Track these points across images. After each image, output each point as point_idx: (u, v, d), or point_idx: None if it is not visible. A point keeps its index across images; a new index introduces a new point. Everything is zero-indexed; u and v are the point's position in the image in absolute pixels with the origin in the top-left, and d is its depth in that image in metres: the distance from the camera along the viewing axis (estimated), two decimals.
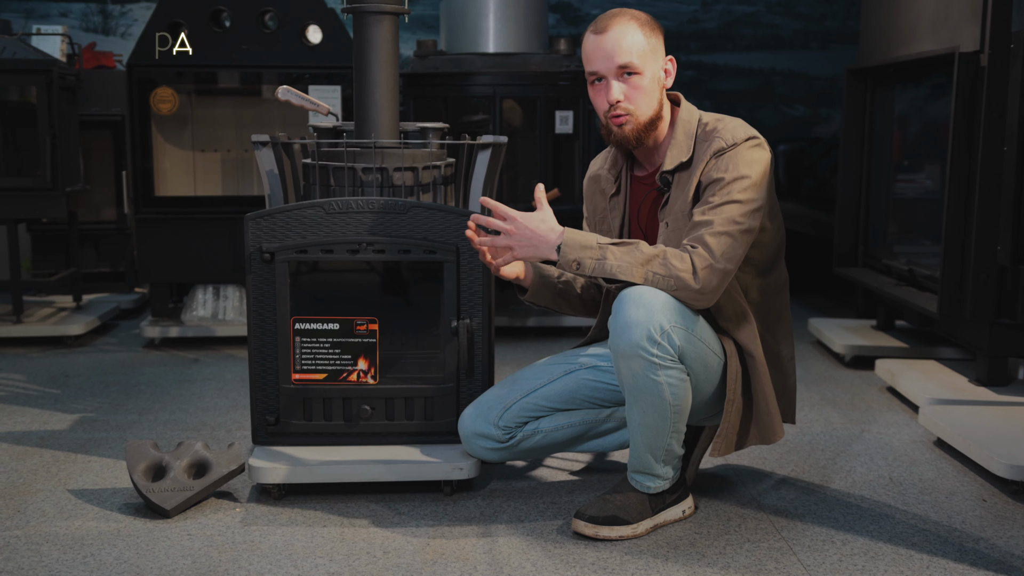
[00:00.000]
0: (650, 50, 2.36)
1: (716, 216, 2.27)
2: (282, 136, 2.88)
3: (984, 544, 2.35)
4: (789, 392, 2.54)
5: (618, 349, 2.25)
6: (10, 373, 3.93)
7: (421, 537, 2.38)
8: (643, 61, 2.35)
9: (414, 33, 6.50)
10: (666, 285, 2.25)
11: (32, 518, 2.49)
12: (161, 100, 4.37)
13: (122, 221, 5.25)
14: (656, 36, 2.39)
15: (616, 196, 2.55)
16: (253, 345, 2.67)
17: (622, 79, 2.36)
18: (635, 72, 2.35)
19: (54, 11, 6.53)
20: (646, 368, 2.23)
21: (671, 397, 2.27)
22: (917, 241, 4.16)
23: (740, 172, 2.30)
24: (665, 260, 2.26)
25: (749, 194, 2.29)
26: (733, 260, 2.27)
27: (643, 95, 2.36)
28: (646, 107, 2.37)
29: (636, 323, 2.21)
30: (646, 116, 2.38)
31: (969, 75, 3.28)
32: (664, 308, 2.23)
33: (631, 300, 2.23)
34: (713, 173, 2.32)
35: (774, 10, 6.87)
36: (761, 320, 2.46)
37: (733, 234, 2.27)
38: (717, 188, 2.30)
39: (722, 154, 2.32)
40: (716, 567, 2.23)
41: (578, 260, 2.27)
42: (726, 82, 6.86)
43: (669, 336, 2.22)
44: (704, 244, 2.25)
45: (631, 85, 2.36)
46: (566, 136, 4.68)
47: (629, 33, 2.34)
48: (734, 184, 2.29)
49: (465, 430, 2.55)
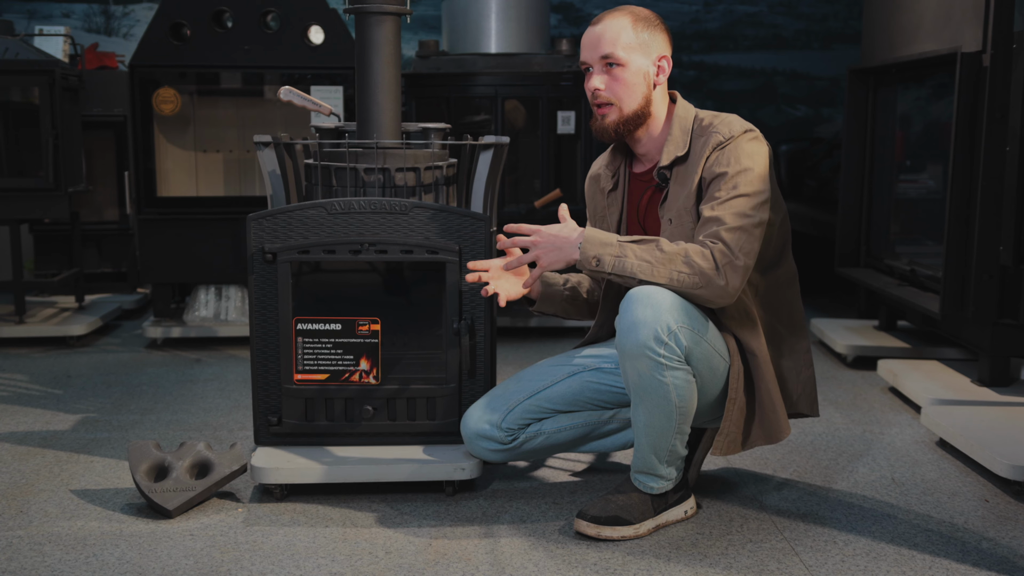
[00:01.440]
0: (638, 44, 2.38)
1: (726, 211, 2.28)
2: (284, 137, 2.89)
3: (987, 544, 2.35)
4: (807, 384, 2.51)
5: (625, 349, 2.25)
6: (12, 373, 3.94)
7: (423, 537, 2.38)
8: (628, 54, 2.38)
9: (416, 33, 6.50)
10: (692, 283, 2.25)
11: (35, 518, 2.50)
12: (163, 100, 4.37)
13: (124, 221, 5.25)
14: (651, 32, 2.40)
15: (614, 192, 2.56)
16: (255, 345, 2.67)
17: (605, 69, 2.40)
18: (617, 63, 2.38)
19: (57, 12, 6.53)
20: (652, 368, 2.23)
21: (676, 398, 2.27)
22: (919, 241, 4.16)
23: (743, 165, 2.30)
24: (688, 258, 2.25)
25: (755, 186, 2.30)
26: (751, 255, 2.28)
27: (624, 87, 2.39)
28: (629, 100, 2.40)
29: (643, 323, 2.21)
30: (629, 109, 2.40)
31: (971, 75, 3.28)
32: (672, 308, 2.23)
33: (639, 300, 2.23)
34: (715, 168, 2.32)
35: (776, 10, 6.87)
36: (772, 314, 2.45)
37: (747, 228, 2.27)
38: (722, 183, 2.30)
39: (722, 148, 2.33)
40: (718, 567, 2.22)
41: (598, 257, 2.28)
42: (728, 82, 6.86)
43: (676, 336, 2.22)
44: (722, 240, 2.26)
45: (612, 76, 2.39)
46: (568, 136, 4.68)
47: (618, 26, 2.39)
48: (738, 177, 2.29)
49: (468, 431, 2.56)
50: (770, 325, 2.45)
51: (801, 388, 2.51)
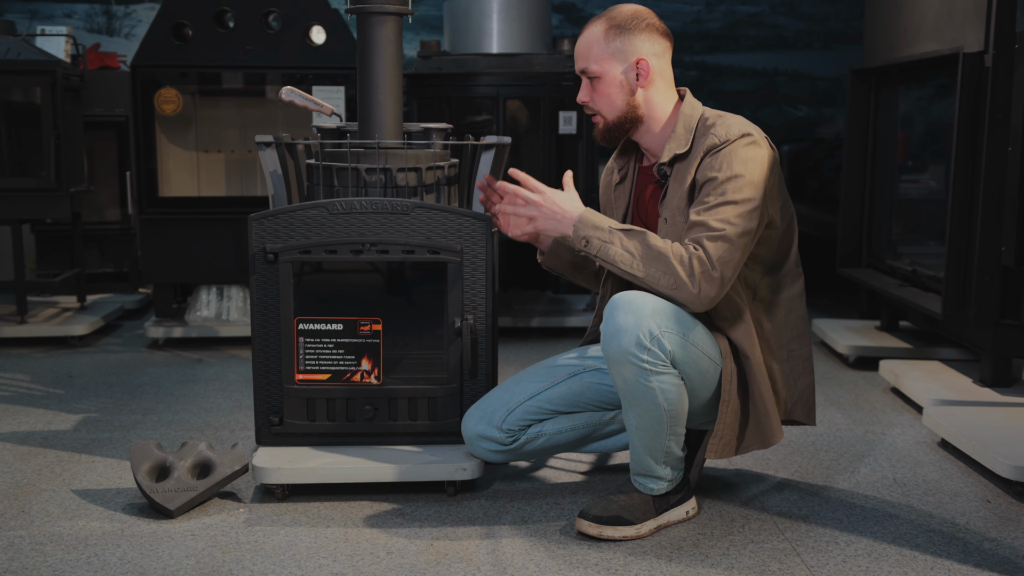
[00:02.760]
0: (610, 53, 2.39)
1: (711, 217, 2.26)
2: (286, 137, 2.89)
3: (989, 545, 2.35)
4: (804, 391, 2.48)
5: (609, 355, 2.25)
6: (14, 373, 3.94)
7: (425, 538, 2.38)
8: (600, 65, 2.40)
9: (418, 34, 6.51)
10: (666, 284, 2.26)
11: (36, 518, 2.50)
12: (165, 101, 4.38)
13: (126, 221, 5.25)
14: (624, 38, 2.39)
15: (621, 184, 2.57)
16: (257, 345, 2.67)
17: (588, 82, 2.45)
18: (593, 76, 2.42)
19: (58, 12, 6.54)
20: (637, 374, 2.23)
21: (665, 402, 2.26)
22: (921, 242, 4.16)
23: (734, 171, 2.28)
24: (668, 260, 2.25)
25: (744, 193, 2.27)
26: (731, 266, 2.26)
27: (602, 98, 2.43)
28: (608, 109, 2.44)
29: (625, 329, 2.21)
30: (612, 117, 2.44)
31: (973, 75, 3.28)
32: (654, 313, 2.22)
33: (620, 306, 2.23)
34: (707, 172, 2.31)
35: (778, 10, 6.87)
36: (771, 317, 2.43)
37: (730, 238, 2.25)
38: (712, 188, 2.29)
39: (716, 152, 2.31)
40: (720, 568, 2.22)
41: (587, 238, 2.31)
42: (730, 82, 6.86)
43: (659, 341, 2.21)
44: (703, 248, 2.24)
45: (593, 88, 2.44)
46: (569, 137, 4.68)
47: (591, 37, 2.42)
48: (728, 184, 2.27)
49: (468, 432, 2.55)
50: (768, 328, 2.43)
51: (797, 395, 2.47)
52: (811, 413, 2.51)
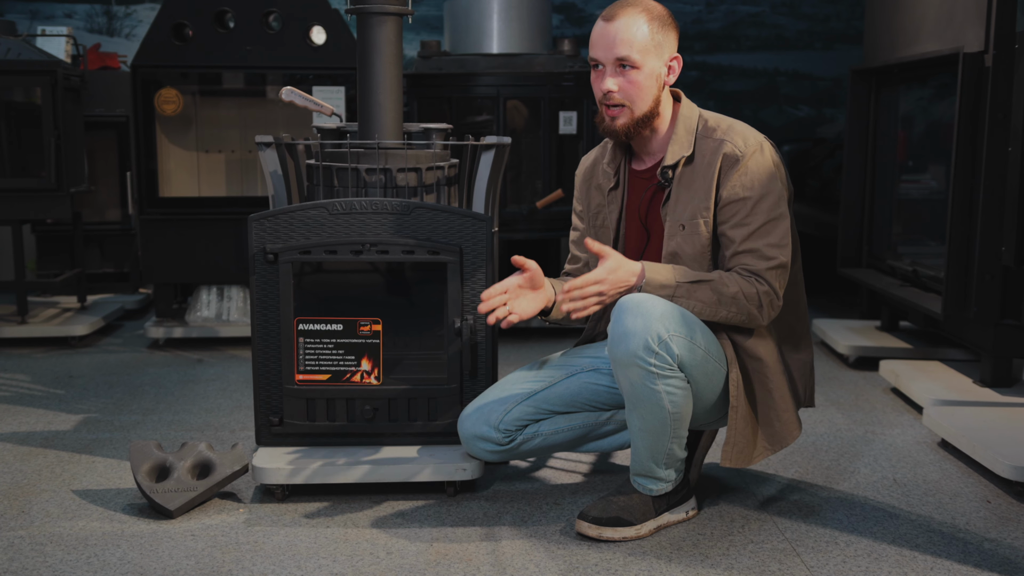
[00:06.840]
0: (653, 46, 2.35)
1: (762, 243, 2.32)
2: (286, 137, 2.89)
3: (989, 545, 2.35)
4: (806, 369, 2.52)
5: (616, 358, 2.25)
6: (14, 373, 3.94)
7: (424, 538, 2.38)
8: (643, 56, 2.33)
9: (418, 34, 6.51)
10: (739, 321, 2.34)
11: (36, 518, 2.50)
12: (165, 101, 4.38)
13: (126, 222, 5.25)
14: (665, 32, 2.37)
15: (615, 190, 2.55)
16: (257, 346, 2.67)
17: (619, 71, 2.35)
18: (633, 66, 2.34)
19: (59, 12, 6.54)
20: (644, 377, 2.23)
21: (670, 406, 2.26)
22: (921, 242, 4.15)
23: (766, 188, 2.33)
24: (740, 303, 2.30)
25: (781, 207, 2.35)
26: (784, 286, 2.37)
27: (637, 90, 2.35)
28: (641, 102, 2.37)
29: (633, 332, 2.20)
30: (641, 111, 2.38)
31: (973, 75, 3.27)
32: (663, 317, 2.22)
33: (629, 309, 2.23)
34: (738, 190, 2.33)
35: (778, 10, 6.86)
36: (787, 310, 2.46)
37: (785, 264, 2.35)
38: (750, 207, 2.33)
39: (738, 166, 2.32)
40: (719, 568, 2.22)
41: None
42: (730, 82, 6.86)
43: (667, 345, 2.21)
44: (767, 282, 2.32)
45: (627, 78, 2.35)
46: (570, 137, 4.68)
47: (634, 26, 2.33)
48: (763, 203, 2.33)
49: (465, 431, 2.55)
50: (783, 321, 2.45)
51: (805, 382, 2.52)
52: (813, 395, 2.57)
